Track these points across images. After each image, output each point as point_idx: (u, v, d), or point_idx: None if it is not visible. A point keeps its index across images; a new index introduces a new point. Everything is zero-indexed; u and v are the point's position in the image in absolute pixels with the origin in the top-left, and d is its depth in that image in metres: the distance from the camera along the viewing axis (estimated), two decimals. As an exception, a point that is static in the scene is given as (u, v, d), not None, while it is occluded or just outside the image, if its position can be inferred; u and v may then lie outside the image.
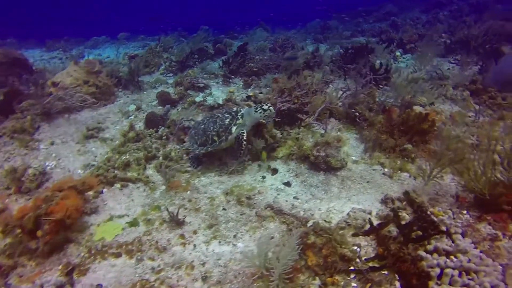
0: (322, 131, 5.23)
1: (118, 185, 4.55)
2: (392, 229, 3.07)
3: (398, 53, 11.73)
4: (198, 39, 12.92)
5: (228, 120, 4.53)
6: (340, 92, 6.56)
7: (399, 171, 4.36)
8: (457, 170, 3.80)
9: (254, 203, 3.89)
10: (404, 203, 3.64)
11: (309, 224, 3.41)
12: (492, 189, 3.33)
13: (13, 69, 8.33)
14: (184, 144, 5.49)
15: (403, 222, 3.07)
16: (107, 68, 8.98)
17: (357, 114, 5.36)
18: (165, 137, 5.76)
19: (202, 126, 4.76)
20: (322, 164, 4.29)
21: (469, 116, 6.87)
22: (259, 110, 4.49)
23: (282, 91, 5.79)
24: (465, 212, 3.49)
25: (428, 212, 2.97)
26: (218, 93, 7.55)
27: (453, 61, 10.94)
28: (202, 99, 6.76)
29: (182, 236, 3.47)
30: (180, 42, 14.43)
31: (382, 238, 2.98)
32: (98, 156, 5.38)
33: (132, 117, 6.74)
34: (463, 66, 9.79)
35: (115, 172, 4.80)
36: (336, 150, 4.28)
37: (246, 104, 6.37)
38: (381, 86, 8.19)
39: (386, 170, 4.40)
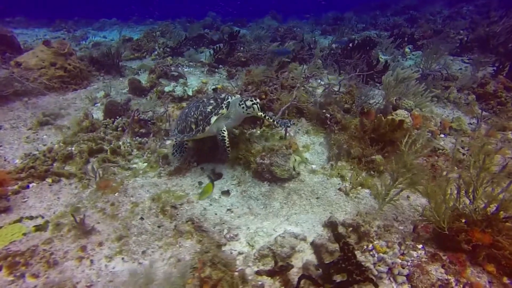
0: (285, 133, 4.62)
1: (49, 180, 4.15)
2: (313, 267, 2.49)
3: (407, 49, 10.77)
4: (197, 25, 12.37)
5: (210, 107, 3.79)
6: (320, 90, 5.91)
7: (360, 187, 3.72)
8: (424, 192, 3.14)
9: (178, 214, 3.38)
10: (350, 228, 3.04)
11: (225, 248, 2.88)
12: (453, 222, 2.67)
13: None
14: (138, 137, 5.06)
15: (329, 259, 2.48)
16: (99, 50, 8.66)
17: (328, 115, 4.70)
18: (120, 128, 5.32)
19: (187, 110, 4.09)
20: (266, 173, 3.71)
21: (471, 123, 6.09)
22: (242, 104, 3.72)
23: (249, 85, 5.21)
24: (420, 246, 2.85)
25: (355, 252, 2.36)
26: (194, 83, 7.03)
27: (467, 60, 9.93)
28: (171, 89, 6.25)
29: (83, 248, 3.01)
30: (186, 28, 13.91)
31: (300, 278, 2.40)
32: (48, 145, 5.02)
33: (98, 104, 6.35)
34: (476, 66, 8.80)
35: (54, 164, 4.42)
36: (284, 158, 3.68)
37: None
38: (377, 83, 7.47)
39: (344, 184, 3.77)
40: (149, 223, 3.30)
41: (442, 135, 5.15)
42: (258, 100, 3.73)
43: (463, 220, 2.64)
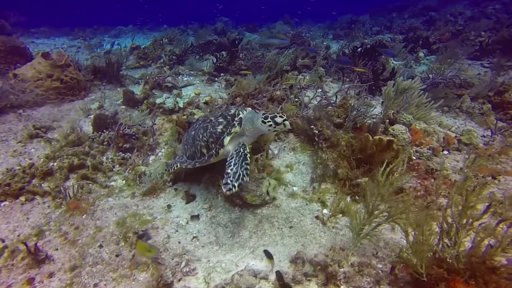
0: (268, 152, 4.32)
1: (22, 198, 4.08)
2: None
3: (421, 54, 10.17)
4: (204, 32, 12.28)
5: (221, 127, 3.31)
6: (316, 101, 5.56)
7: (340, 215, 3.37)
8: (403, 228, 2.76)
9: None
10: (318, 267, 2.70)
11: (177, 285, 2.62)
12: (432, 268, 2.28)
13: (12, 58, 8.35)
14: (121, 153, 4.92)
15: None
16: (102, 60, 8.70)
17: (316, 131, 4.36)
18: (106, 142, 5.22)
19: (193, 132, 3.63)
20: (237, 198, 3.43)
21: (485, 136, 5.54)
22: (269, 121, 3.15)
23: (237, 97, 4.96)
24: (396, 292, 2.48)
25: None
26: (191, 93, 6.86)
27: (487, 65, 9.21)
28: (163, 101, 6.11)
29: (30, 281, 2.85)
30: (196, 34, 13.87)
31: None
32: (35, 159, 4.99)
33: (92, 116, 6.30)
34: (497, 71, 8.12)
35: (33, 181, 4.36)
36: (256, 183, 3.39)
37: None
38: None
39: (324, 211, 3.43)
40: (107, 251, 3.10)
41: (445, 152, 4.67)
42: (285, 116, 3.20)
43: (445, 267, 2.25)
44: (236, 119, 3.32)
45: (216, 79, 8.19)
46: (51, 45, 15.39)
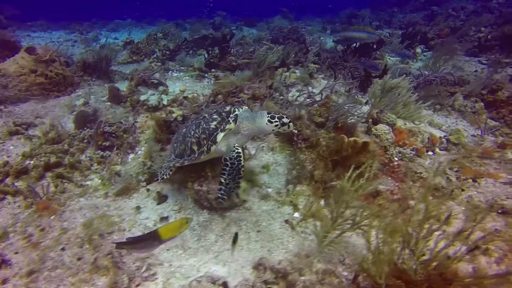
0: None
1: (-7, 198, 4.02)
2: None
3: (418, 50, 9.94)
4: (198, 26, 12.12)
5: (214, 123, 3.16)
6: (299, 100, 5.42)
7: (312, 219, 3.26)
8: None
9: (102, 245, 3.09)
10: (280, 275, 2.61)
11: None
12: (391, 278, 2.18)
13: (1, 52, 8.30)
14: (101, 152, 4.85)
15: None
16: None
17: (295, 131, 4.23)
18: (86, 140, 5.14)
19: (184, 130, 3.45)
20: (204, 201, 3.34)
21: (474, 136, 5.39)
22: (276, 121, 3.09)
23: (218, 95, 4.84)
24: (357, 303, 2.37)
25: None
26: (177, 90, 6.74)
27: (485, 61, 8.97)
28: (147, 98, 6.01)
29: (-16, 285, 2.80)
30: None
31: None
32: (13, 157, 4.92)
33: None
34: (494, 68, 7.89)
35: (6, 180, 4.30)
36: (225, 185, 3.28)
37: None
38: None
39: (295, 215, 3.33)
40: (69, 254, 3.03)
41: (430, 153, 4.53)
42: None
43: (404, 278, 2.14)
44: (231, 115, 3.18)
45: (206, 75, 8.07)
46: (47, 39, 15.25)
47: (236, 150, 3.07)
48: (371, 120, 4.56)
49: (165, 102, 5.90)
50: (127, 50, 10.90)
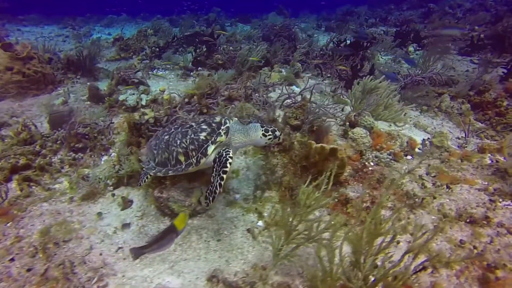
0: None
1: (-47, 202, 3.92)
2: None
3: (411, 48, 9.79)
4: (189, 23, 11.95)
5: (204, 134, 3.02)
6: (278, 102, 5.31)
7: (275, 228, 3.15)
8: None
9: (56, 254, 2.99)
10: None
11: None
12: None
13: None
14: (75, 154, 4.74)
15: None
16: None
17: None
18: (59, 142, 5.03)
19: (166, 137, 3.22)
20: (165, 208, 3.23)
21: (459, 138, 5.27)
22: (270, 135, 3.13)
23: (191, 97, 4.72)
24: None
25: None
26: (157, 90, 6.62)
27: (477, 61, 8.81)
28: (125, 98, 5.89)
29: None
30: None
31: None
32: (-17, 158, 4.82)
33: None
34: (485, 68, 7.73)
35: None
36: (185, 193, 3.17)
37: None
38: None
39: (259, 223, 3.22)
40: (18, 265, 2.92)
41: (409, 157, 4.40)
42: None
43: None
44: (222, 128, 3.05)
45: (191, 73, 7.95)
46: (38, 34, 15.06)
47: (226, 159, 2.91)
48: (348, 123, 4.44)
49: (143, 103, 5.78)
50: (116, 47, 10.76)
